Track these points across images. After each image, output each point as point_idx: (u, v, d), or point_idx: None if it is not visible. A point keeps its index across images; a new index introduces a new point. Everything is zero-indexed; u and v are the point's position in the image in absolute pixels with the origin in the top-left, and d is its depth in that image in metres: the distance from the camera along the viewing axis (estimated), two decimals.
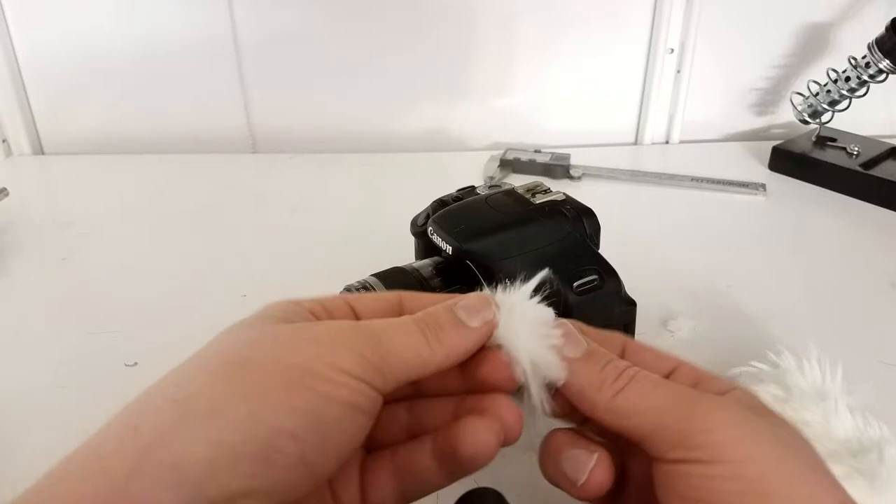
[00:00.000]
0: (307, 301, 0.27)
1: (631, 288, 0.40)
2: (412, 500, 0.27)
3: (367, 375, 0.23)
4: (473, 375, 0.27)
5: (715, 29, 0.78)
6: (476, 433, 0.25)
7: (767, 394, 0.39)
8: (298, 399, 0.22)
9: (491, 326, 0.26)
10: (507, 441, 0.26)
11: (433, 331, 0.25)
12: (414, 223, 0.44)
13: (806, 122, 0.76)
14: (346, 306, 0.27)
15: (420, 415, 0.28)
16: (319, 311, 0.26)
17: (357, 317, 0.27)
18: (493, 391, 0.26)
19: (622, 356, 0.27)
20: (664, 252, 0.60)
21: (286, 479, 0.21)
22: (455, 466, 0.26)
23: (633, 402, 0.25)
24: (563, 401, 0.26)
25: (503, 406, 0.26)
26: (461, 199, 0.44)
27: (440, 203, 0.44)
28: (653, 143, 0.84)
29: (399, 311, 0.28)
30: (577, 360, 0.26)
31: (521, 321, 0.26)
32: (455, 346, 0.25)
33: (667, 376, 0.27)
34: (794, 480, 0.21)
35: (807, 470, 0.22)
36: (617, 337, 0.29)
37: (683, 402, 0.24)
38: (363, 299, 0.28)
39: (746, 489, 0.21)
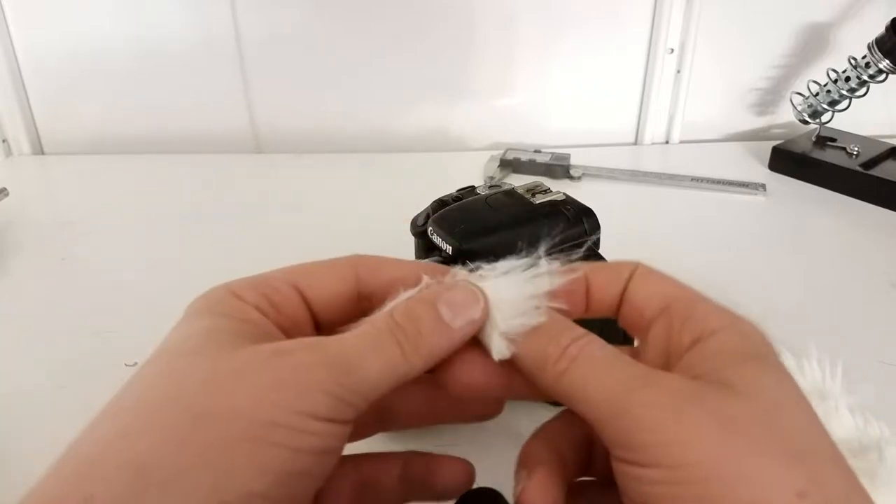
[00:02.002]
0: (249, 293, 0.24)
1: None
2: None
3: (338, 414, 0.21)
4: (445, 373, 0.24)
5: (715, 29, 0.78)
6: (454, 473, 0.24)
7: None
8: (266, 458, 0.19)
9: (476, 326, 0.23)
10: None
11: (412, 341, 0.22)
12: (414, 223, 0.44)
13: (806, 122, 0.76)
14: (294, 294, 0.24)
15: (386, 417, 0.26)
16: (266, 308, 0.24)
17: (309, 306, 0.24)
18: (461, 391, 0.24)
19: (625, 289, 0.25)
20: (664, 252, 0.60)
21: None
22: (422, 496, 0.25)
23: (575, 388, 0.21)
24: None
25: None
26: (461, 199, 0.44)
27: (440, 203, 0.44)
28: (653, 143, 0.84)
29: (354, 288, 0.25)
30: (527, 334, 0.23)
31: (501, 305, 0.23)
32: (435, 353, 0.22)
33: (656, 317, 0.24)
34: (737, 483, 0.18)
35: (756, 460, 0.19)
36: (625, 267, 0.26)
37: (624, 391, 0.21)
38: (314, 280, 0.25)
39: (686, 496, 0.19)
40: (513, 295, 0.23)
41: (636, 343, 0.26)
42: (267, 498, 0.19)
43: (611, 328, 0.40)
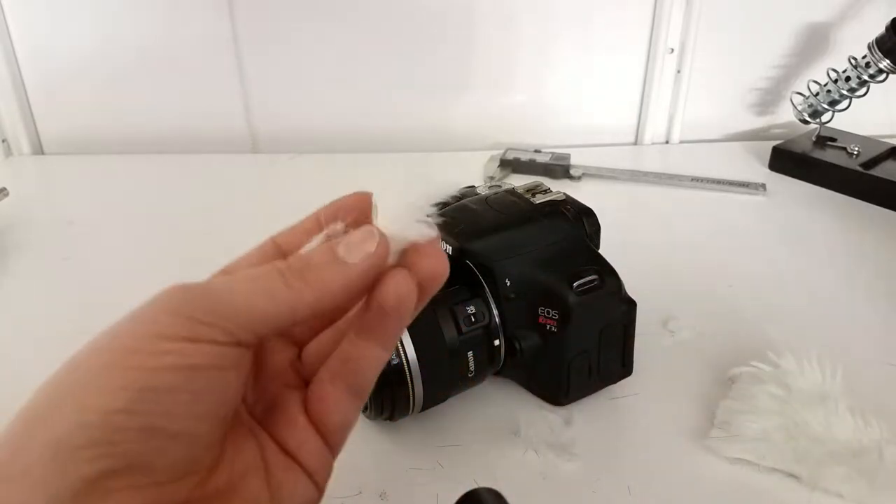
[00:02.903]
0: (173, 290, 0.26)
1: (631, 288, 0.40)
2: (365, 392, 0.26)
3: (202, 333, 0.23)
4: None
5: (715, 29, 0.78)
6: (390, 283, 0.25)
7: (767, 394, 0.39)
8: (121, 379, 0.22)
9: (375, 259, 0.24)
10: (431, 282, 0.26)
11: (297, 272, 0.24)
12: None
13: (806, 122, 0.76)
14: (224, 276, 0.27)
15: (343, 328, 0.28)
16: None
17: None
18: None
19: None
20: (664, 252, 0.60)
21: (140, 451, 0.22)
22: (382, 332, 0.25)
23: None
24: None
25: (418, 257, 0.26)
26: (461, 199, 0.44)
27: (440, 203, 0.44)
28: (653, 143, 0.84)
29: (275, 254, 0.28)
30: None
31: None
32: (327, 283, 0.24)
33: None
34: None
35: None
36: None
37: None
38: (239, 263, 0.28)
39: None
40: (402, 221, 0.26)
41: None
42: (130, 412, 0.21)
43: (611, 330, 0.40)
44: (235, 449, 0.25)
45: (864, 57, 0.68)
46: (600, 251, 0.41)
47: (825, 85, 0.73)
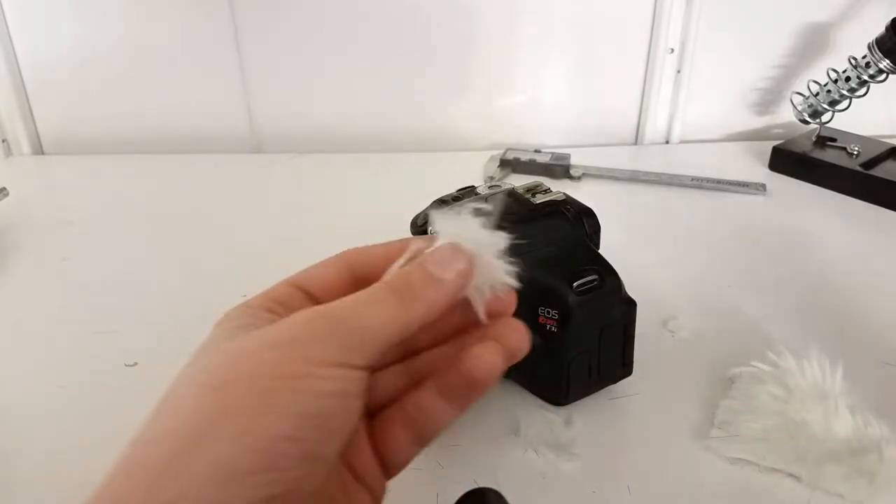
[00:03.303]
0: (256, 299, 0.27)
1: (631, 288, 0.40)
2: (429, 441, 0.27)
3: (345, 358, 0.23)
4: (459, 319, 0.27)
5: (715, 29, 0.78)
6: (485, 357, 0.26)
7: (767, 394, 0.39)
8: (285, 403, 0.22)
9: (465, 276, 0.26)
10: (514, 357, 0.27)
11: (407, 293, 0.25)
12: (414, 223, 0.44)
13: (806, 122, 0.76)
14: (297, 292, 0.27)
15: (419, 367, 0.28)
16: (274, 307, 0.26)
17: (314, 300, 0.27)
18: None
19: None
20: (664, 252, 0.60)
21: (297, 477, 0.22)
22: (464, 398, 0.27)
23: None
24: None
25: (507, 331, 0.27)
26: (461, 199, 0.44)
27: (440, 203, 0.44)
28: (653, 143, 0.84)
29: (350, 275, 0.28)
30: None
31: (483, 256, 0.27)
32: (433, 302, 0.25)
33: None
34: None
35: None
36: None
37: None
38: (310, 276, 0.28)
39: None
40: (487, 250, 0.27)
41: None
42: (293, 438, 0.22)
43: (611, 330, 0.40)
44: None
45: (864, 57, 0.68)
46: (600, 251, 0.41)
47: (825, 85, 0.73)
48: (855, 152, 0.71)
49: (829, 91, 0.72)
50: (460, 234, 0.27)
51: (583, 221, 0.42)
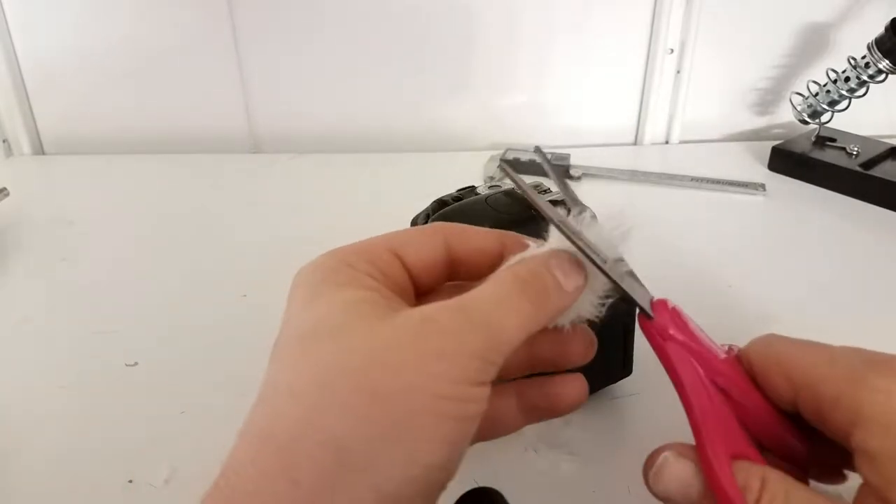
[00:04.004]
0: (355, 256, 0.25)
1: None
2: (487, 440, 0.27)
3: (487, 376, 0.22)
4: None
5: (715, 29, 0.78)
6: (574, 390, 0.26)
7: None
8: (443, 430, 0.21)
9: (580, 292, 0.25)
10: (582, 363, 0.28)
11: (541, 297, 0.24)
12: (414, 223, 0.44)
13: (805, 122, 0.76)
14: (396, 260, 0.26)
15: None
16: (375, 273, 0.25)
17: (407, 269, 0.26)
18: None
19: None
20: (664, 252, 0.60)
21: (428, 501, 0.22)
22: (544, 417, 0.27)
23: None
24: None
25: (579, 344, 0.27)
26: (461, 199, 0.44)
27: (440, 203, 0.44)
28: (653, 143, 0.84)
29: (446, 254, 0.26)
30: None
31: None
32: (555, 311, 0.24)
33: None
34: None
35: None
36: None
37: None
38: (408, 245, 0.26)
39: None
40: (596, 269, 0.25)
41: None
42: (444, 468, 0.21)
43: (611, 330, 0.40)
44: None
45: (863, 57, 0.68)
46: None
47: (825, 85, 0.73)
48: (854, 152, 0.71)
49: (828, 91, 0.72)
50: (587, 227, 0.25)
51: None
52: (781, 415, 0.24)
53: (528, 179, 0.48)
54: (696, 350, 0.25)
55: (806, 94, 0.75)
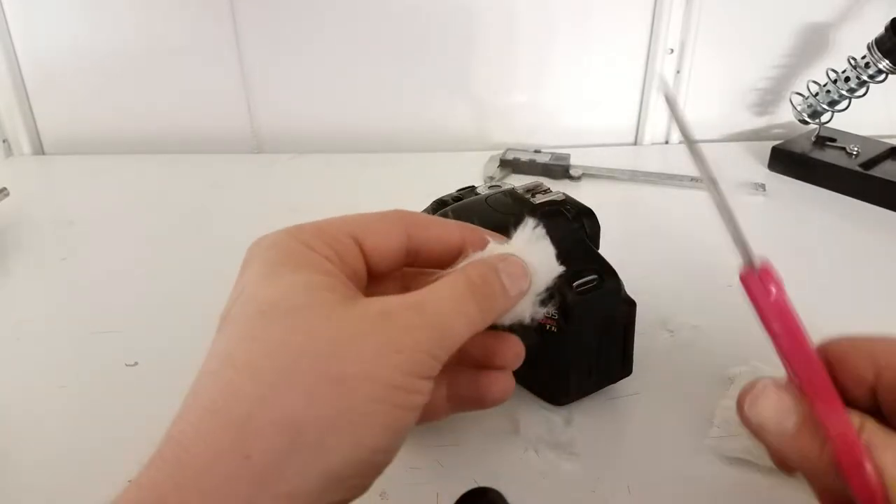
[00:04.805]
0: (318, 244, 0.25)
1: (631, 288, 0.40)
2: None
3: (433, 372, 0.23)
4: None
5: (715, 29, 0.78)
6: (501, 385, 0.27)
7: None
8: (392, 418, 0.22)
9: (522, 296, 0.26)
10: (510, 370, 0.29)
11: (487, 302, 0.25)
12: None
13: (805, 123, 0.76)
14: (354, 246, 0.26)
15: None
16: (335, 260, 0.25)
17: (365, 254, 0.26)
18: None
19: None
20: (664, 252, 0.60)
21: (367, 485, 0.23)
22: (469, 408, 0.28)
23: None
24: None
25: (508, 352, 0.28)
26: (461, 199, 0.44)
27: (440, 203, 0.44)
28: (653, 143, 0.84)
29: (405, 240, 0.27)
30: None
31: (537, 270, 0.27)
32: (497, 311, 0.26)
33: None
34: None
35: None
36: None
37: None
38: (370, 233, 0.27)
39: None
40: (542, 270, 0.27)
41: None
42: (388, 452, 0.22)
43: (611, 330, 0.40)
44: None
45: (863, 57, 0.68)
46: (600, 251, 0.41)
47: (825, 85, 0.73)
48: (854, 152, 0.71)
49: (828, 91, 0.72)
50: (534, 253, 0.27)
51: (583, 221, 0.42)
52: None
53: (528, 179, 0.48)
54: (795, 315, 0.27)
55: (806, 94, 0.75)
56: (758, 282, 0.28)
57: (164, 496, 0.20)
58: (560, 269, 0.28)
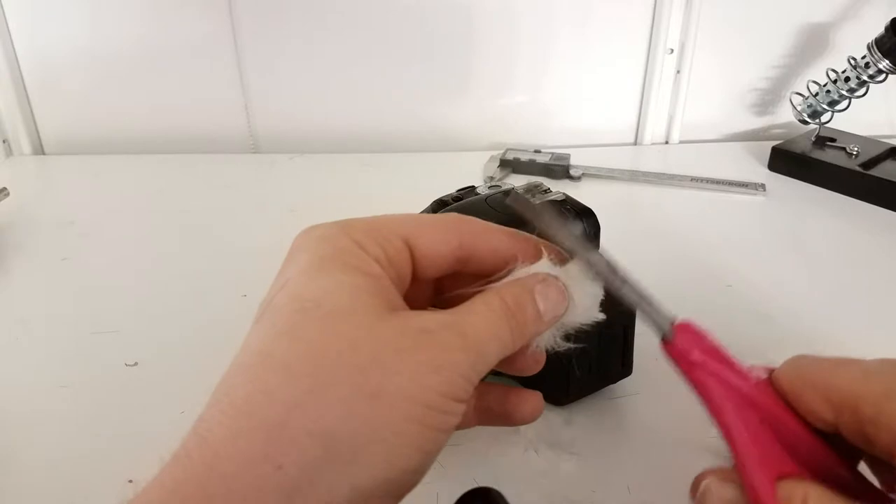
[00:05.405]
0: (370, 244, 0.24)
1: None
2: None
3: (466, 395, 0.23)
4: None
5: (715, 29, 0.78)
6: (532, 405, 0.27)
7: None
8: (423, 439, 0.22)
9: (557, 321, 0.26)
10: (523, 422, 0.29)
11: (519, 328, 0.25)
12: None
13: (805, 123, 0.76)
14: (406, 250, 0.26)
15: None
16: (384, 262, 0.25)
17: (415, 259, 0.26)
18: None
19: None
20: (664, 252, 0.60)
21: (399, 499, 0.22)
22: (495, 423, 0.28)
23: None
24: None
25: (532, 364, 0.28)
26: (461, 199, 0.44)
27: (440, 203, 0.44)
28: (653, 143, 0.84)
29: (458, 248, 0.26)
30: None
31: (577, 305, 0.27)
32: (529, 335, 0.25)
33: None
34: None
35: None
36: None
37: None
38: (423, 237, 0.26)
39: None
40: (581, 307, 0.27)
41: None
42: (416, 473, 0.22)
43: (611, 330, 0.40)
44: None
45: (863, 57, 0.68)
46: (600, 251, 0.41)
47: (825, 85, 0.73)
48: (854, 152, 0.71)
49: (828, 91, 0.72)
50: (581, 288, 0.26)
51: (583, 221, 0.42)
52: (820, 438, 0.24)
53: (528, 179, 0.48)
54: (725, 374, 0.25)
55: (806, 94, 0.75)
56: (675, 353, 0.26)
57: (188, 498, 0.19)
58: (600, 316, 0.27)
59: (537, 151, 0.76)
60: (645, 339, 0.43)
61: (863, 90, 0.71)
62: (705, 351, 0.26)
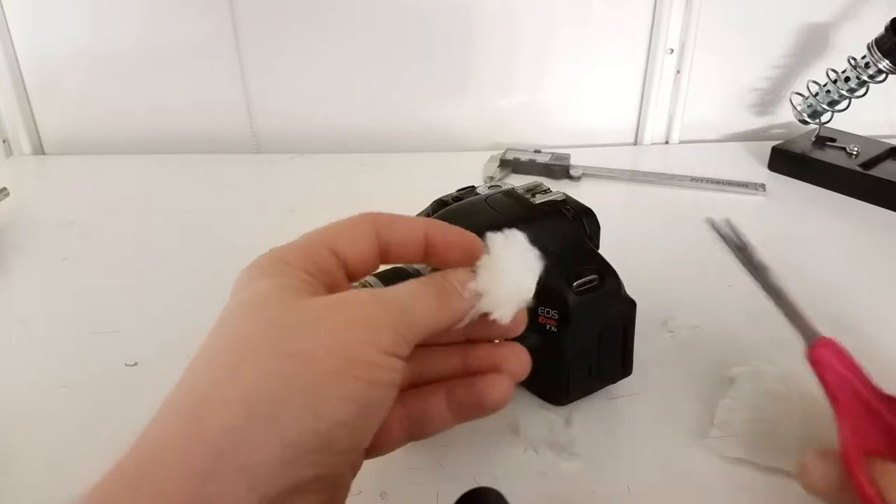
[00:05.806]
0: (295, 257, 0.27)
1: (631, 288, 0.40)
2: (417, 439, 0.29)
3: (400, 350, 0.24)
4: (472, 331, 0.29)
5: (715, 29, 0.78)
6: (500, 388, 0.28)
7: (768, 393, 0.39)
8: (351, 391, 0.22)
9: (477, 298, 0.28)
10: (516, 381, 0.30)
11: (443, 295, 0.26)
12: None
13: (805, 123, 0.76)
14: (333, 257, 0.27)
15: (426, 364, 0.30)
16: (312, 270, 0.26)
17: (342, 262, 0.27)
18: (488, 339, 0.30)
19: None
20: (664, 252, 0.60)
21: (343, 461, 0.23)
22: (470, 415, 0.29)
23: None
24: None
25: (512, 358, 0.29)
26: (461, 199, 0.44)
27: (440, 203, 0.44)
28: (653, 143, 0.84)
29: (376, 240, 0.28)
30: None
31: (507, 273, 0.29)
32: (456, 311, 0.27)
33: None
34: None
35: None
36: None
37: None
38: (342, 239, 0.28)
39: None
40: (511, 272, 0.29)
41: None
42: (349, 426, 0.22)
43: (611, 330, 0.40)
44: None
45: (863, 57, 0.68)
46: (600, 251, 0.41)
47: (824, 85, 0.73)
48: (854, 152, 0.71)
49: (828, 91, 0.72)
50: (508, 246, 0.29)
51: (583, 221, 0.42)
52: None
53: (528, 179, 0.48)
54: (845, 374, 0.34)
55: (806, 94, 0.75)
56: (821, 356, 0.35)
57: (125, 470, 0.21)
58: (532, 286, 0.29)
59: (537, 151, 0.76)
60: (645, 339, 0.43)
61: (863, 90, 0.71)
62: (834, 353, 0.35)
